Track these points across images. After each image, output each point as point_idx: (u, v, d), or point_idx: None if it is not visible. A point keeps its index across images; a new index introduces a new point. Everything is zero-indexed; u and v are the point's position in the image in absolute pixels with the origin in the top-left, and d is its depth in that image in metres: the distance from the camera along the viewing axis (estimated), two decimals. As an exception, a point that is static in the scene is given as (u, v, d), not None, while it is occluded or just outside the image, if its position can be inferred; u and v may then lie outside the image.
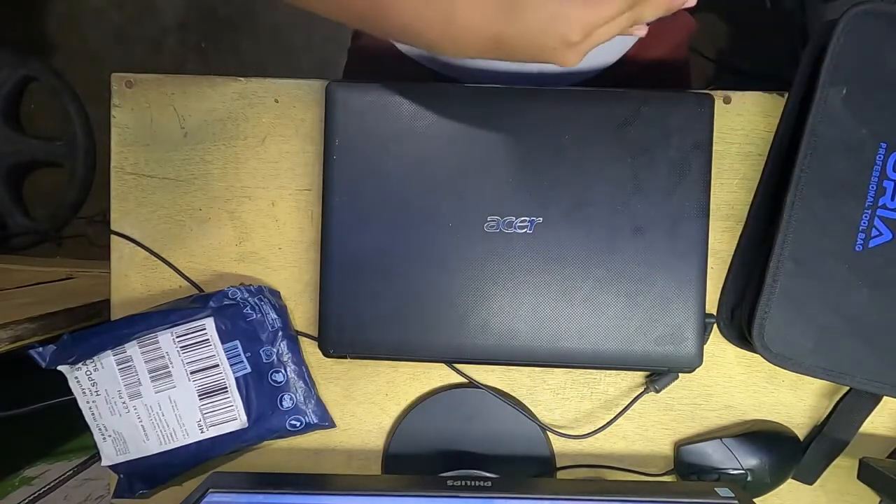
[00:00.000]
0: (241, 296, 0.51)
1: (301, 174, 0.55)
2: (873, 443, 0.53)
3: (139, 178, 0.55)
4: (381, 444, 0.55)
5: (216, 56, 1.49)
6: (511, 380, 0.55)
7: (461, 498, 0.43)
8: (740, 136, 0.53)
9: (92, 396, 0.50)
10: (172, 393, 0.50)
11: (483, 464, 0.52)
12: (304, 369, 0.53)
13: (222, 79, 0.55)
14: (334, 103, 0.50)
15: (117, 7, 1.49)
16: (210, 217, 0.55)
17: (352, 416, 0.55)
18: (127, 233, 0.55)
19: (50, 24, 1.49)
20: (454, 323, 0.50)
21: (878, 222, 0.47)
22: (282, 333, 0.52)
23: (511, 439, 0.53)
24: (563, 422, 0.54)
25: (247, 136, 0.55)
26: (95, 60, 1.48)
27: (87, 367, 0.50)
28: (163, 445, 0.51)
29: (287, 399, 0.52)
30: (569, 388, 0.54)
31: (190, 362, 0.50)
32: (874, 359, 0.48)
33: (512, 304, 0.49)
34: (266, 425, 0.51)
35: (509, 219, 0.49)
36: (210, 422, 0.51)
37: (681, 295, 0.49)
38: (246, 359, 0.51)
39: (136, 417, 0.50)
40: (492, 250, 0.49)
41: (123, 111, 0.55)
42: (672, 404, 0.54)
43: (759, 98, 0.53)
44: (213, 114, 0.55)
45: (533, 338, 0.49)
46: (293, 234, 0.55)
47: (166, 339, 0.50)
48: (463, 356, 0.51)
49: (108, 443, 0.51)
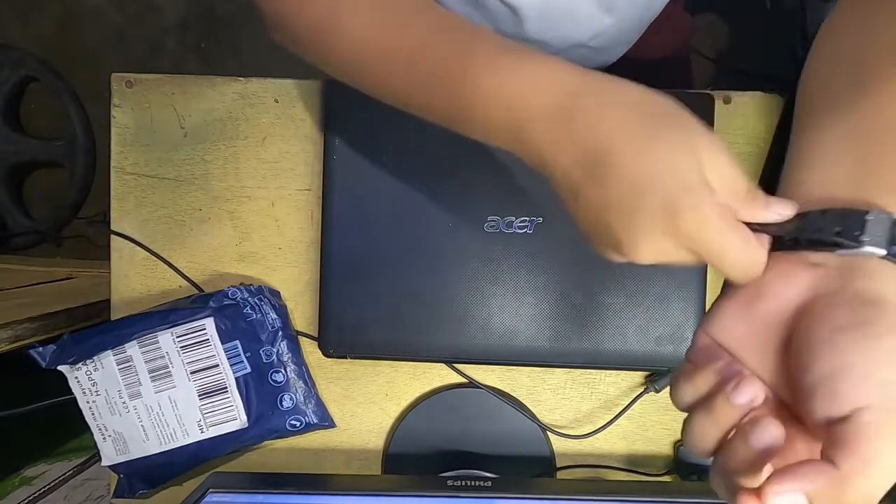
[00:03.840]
0: (241, 296, 0.51)
1: (301, 174, 0.55)
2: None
3: (139, 178, 0.55)
4: (381, 444, 0.55)
5: (216, 56, 1.49)
6: (511, 380, 0.55)
7: (461, 498, 0.43)
8: (740, 136, 0.53)
9: (92, 396, 0.50)
10: (172, 393, 0.50)
11: (483, 464, 0.52)
12: (304, 369, 0.53)
13: (222, 79, 0.55)
14: (334, 103, 0.50)
15: (117, 7, 1.49)
16: (210, 217, 0.55)
17: (352, 416, 0.55)
18: (127, 233, 0.55)
19: (50, 24, 1.49)
20: (454, 323, 0.50)
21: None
22: (282, 333, 0.52)
23: (511, 439, 0.53)
24: (563, 422, 0.54)
25: (247, 136, 0.55)
26: (95, 60, 1.48)
27: (87, 367, 0.50)
28: (163, 445, 0.51)
29: (287, 399, 0.52)
30: (569, 388, 0.54)
31: (190, 362, 0.50)
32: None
33: (512, 304, 0.49)
34: (266, 425, 0.51)
35: (509, 219, 0.49)
36: (210, 422, 0.51)
37: (681, 295, 0.49)
38: (246, 359, 0.51)
39: (136, 417, 0.50)
40: (492, 250, 0.49)
41: (123, 111, 0.55)
42: (672, 404, 0.54)
43: (759, 98, 0.53)
44: (213, 114, 0.55)
45: (533, 338, 0.49)
46: (293, 234, 0.55)
47: (166, 339, 0.50)
48: (463, 356, 0.51)
49: (108, 443, 0.51)
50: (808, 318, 0.24)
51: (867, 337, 0.22)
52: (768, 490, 0.21)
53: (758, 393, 0.24)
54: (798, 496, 0.21)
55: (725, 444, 0.24)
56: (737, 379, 0.24)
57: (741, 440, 0.23)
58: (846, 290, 0.24)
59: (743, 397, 0.24)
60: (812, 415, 0.23)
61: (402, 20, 0.33)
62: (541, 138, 0.29)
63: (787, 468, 0.21)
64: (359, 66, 0.35)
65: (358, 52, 0.34)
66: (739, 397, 0.24)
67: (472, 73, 0.30)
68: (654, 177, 0.26)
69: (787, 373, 0.25)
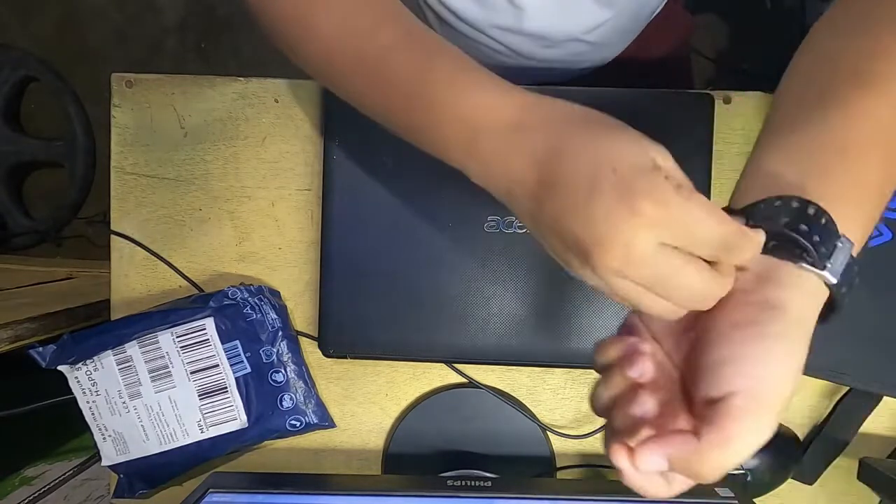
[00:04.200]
0: (241, 296, 0.51)
1: (301, 174, 0.55)
2: (873, 443, 0.53)
3: (139, 178, 0.55)
4: (381, 444, 0.55)
5: (216, 56, 1.49)
6: (511, 380, 0.55)
7: (461, 498, 0.43)
8: (740, 136, 0.53)
9: (92, 396, 0.50)
10: (172, 393, 0.50)
11: (483, 464, 0.52)
12: (304, 369, 0.53)
13: (222, 79, 0.55)
14: (334, 103, 0.50)
15: (117, 7, 1.49)
16: (210, 217, 0.55)
17: (352, 416, 0.55)
18: (127, 233, 0.55)
19: (50, 24, 1.49)
20: (454, 323, 0.50)
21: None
22: (282, 333, 0.52)
23: (511, 439, 0.53)
24: (563, 422, 0.54)
25: (247, 136, 0.55)
26: (95, 60, 1.48)
27: (87, 367, 0.50)
28: (163, 445, 0.51)
29: (287, 399, 0.52)
30: (569, 388, 0.54)
31: (190, 362, 0.50)
32: (874, 359, 0.48)
33: (512, 304, 0.49)
34: (266, 425, 0.51)
35: (509, 219, 0.49)
36: (210, 422, 0.51)
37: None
38: (246, 359, 0.51)
39: (136, 417, 0.50)
40: (492, 250, 0.49)
41: (123, 111, 0.55)
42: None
43: (759, 98, 0.53)
44: (213, 114, 0.55)
45: (533, 338, 0.49)
46: (293, 234, 0.55)
47: (166, 339, 0.50)
48: (463, 356, 0.51)
49: (108, 443, 0.51)
50: (719, 313, 0.27)
51: (759, 336, 0.25)
52: (639, 449, 0.25)
53: (646, 370, 0.27)
54: (660, 458, 0.24)
55: (614, 407, 0.28)
56: (633, 356, 0.28)
57: (624, 406, 0.27)
58: (757, 295, 0.26)
59: (633, 371, 0.27)
60: (697, 394, 0.26)
61: (372, 27, 0.34)
62: (493, 148, 0.30)
63: (659, 434, 0.25)
64: (326, 63, 0.36)
65: (327, 50, 0.35)
66: (631, 370, 0.27)
67: (430, 89, 0.32)
68: (606, 161, 0.26)
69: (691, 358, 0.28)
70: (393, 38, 0.34)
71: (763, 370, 0.25)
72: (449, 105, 0.31)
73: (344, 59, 0.35)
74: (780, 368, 0.25)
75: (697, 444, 0.24)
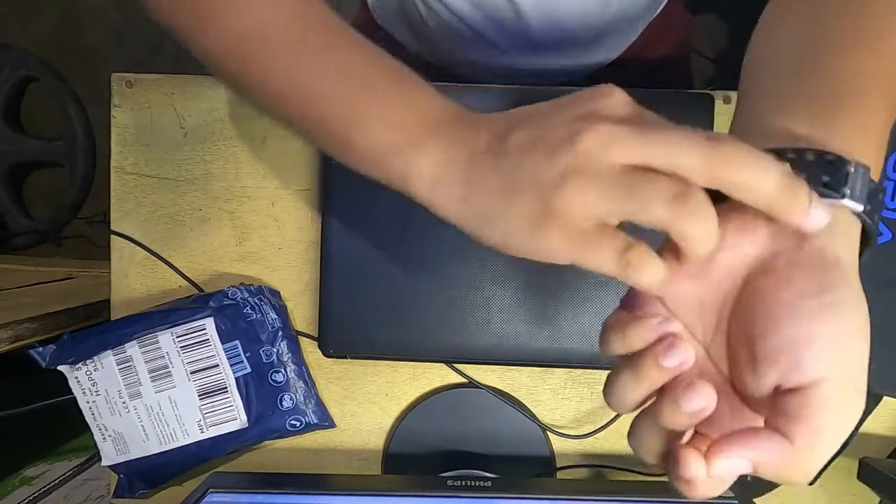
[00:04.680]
0: (241, 296, 0.51)
1: (301, 174, 0.55)
2: (873, 443, 0.53)
3: (139, 178, 0.55)
4: (381, 444, 0.55)
5: (216, 56, 1.49)
6: (511, 380, 0.55)
7: (461, 498, 0.43)
8: (740, 135, 0.53)
9: (92, 396, 0.50)
10: (172, 393, 0.50)
11: (483, 464, 0.52)
12: (304, 369, 0.53)
13: (222, 79, 0.55)
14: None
15: (117, 7, 1.49)
16: (210, 217, 0.55)
17: (352, 416, 0.55)
18: (127, 233, 0.55)
19: (50, 24, 1.49)
20: (454, 323, 0.50)
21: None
22: (282, 333, 0.52)
23: (511, 439, 0.53)
24: (563, 422, 0.54)
25: (247, 136, 0.55)
26: (95, 60, 1.48)
27: (87, 367, 0.50)
28: (163, 445, 0.51)
29: (287, 399, 0.52)
30: (569, 388, 0.54)
31: (190, 362, 0.50)
32: (874, 358, 0.47)
33: (512, 304, 0.49)
34: (266, 425, 0.51)
35: (509, 219, 0.49)
36: (210, 422, 0.51)
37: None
38: (246, 359, 0.51)
39: (136, 417, 0.50)
40: (492, 250, 0.49)
41: (123, 111, 0.55)
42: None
43: (759, 98, 0.53)
44: (213, 114, 0.55)
45: (533, 338, 0.49)
46: (293, 234, 0.55)
47: (166, 339, 0.50)
48: (462, 356, 0.51)
49: (108, 443, 0.51)
50: (768, 278, 0.23)
51: (833, 307, 0.22)
52: (717, 452, 0.21)
53: (688, 357, 0.23)
54: (746, 462, 0.21)
55: (653, 404, 0.23)
56: (669, 340, 0.23)
57: (671, 402, 0.22)
58: (805, 248, 0.23)
59: (673, 360, 0.23)
60: (760, 380, 0.22)
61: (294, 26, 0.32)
62: (434, 146, 0.28)
63: (736, 434, 0.21)
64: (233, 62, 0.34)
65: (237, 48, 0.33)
66: (669, 360, 0.23)
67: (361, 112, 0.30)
68: (550, 116, 0.25)
69: (726, 334, 0.24)
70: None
71: (848, 350, 0.22)
72: (380, 119, 0.30)
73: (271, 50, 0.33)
74: (861, 343, 0.22)
75: (790, 446, 0.21)
